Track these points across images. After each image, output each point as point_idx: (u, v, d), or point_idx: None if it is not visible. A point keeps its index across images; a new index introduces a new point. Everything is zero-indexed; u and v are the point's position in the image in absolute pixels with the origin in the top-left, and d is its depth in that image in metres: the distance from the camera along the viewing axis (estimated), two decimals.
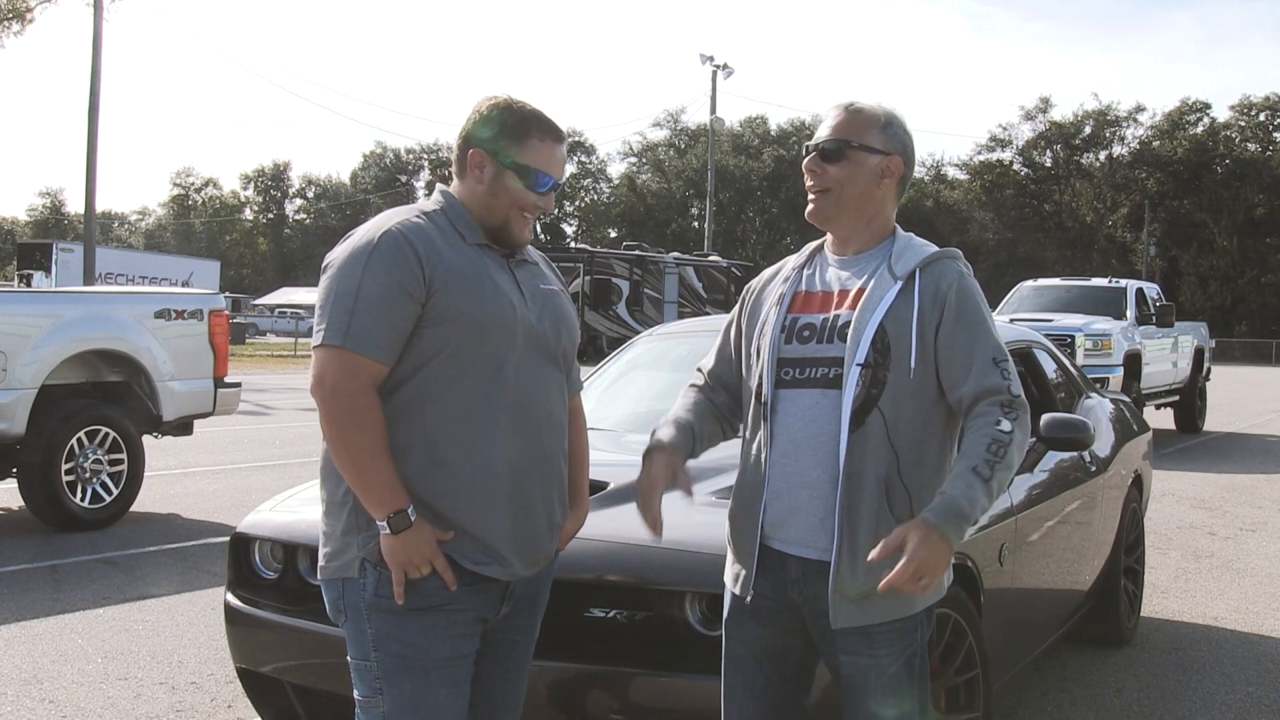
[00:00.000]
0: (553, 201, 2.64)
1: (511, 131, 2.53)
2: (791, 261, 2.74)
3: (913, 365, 2.47)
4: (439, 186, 2.65)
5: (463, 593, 2.48)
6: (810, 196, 2.65)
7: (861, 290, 2.55)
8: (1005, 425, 2.40)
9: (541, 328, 2.59)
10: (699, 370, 2.86)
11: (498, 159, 2.53)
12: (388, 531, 2.40)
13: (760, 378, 2.60)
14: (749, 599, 2.61)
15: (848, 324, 2.52)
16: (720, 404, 2.77)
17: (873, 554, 2.34)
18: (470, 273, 2.48)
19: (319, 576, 2.58)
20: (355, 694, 2.53)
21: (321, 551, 2.56)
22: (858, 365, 2.47)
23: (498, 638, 2.64)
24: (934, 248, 2.61)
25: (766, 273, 2.80)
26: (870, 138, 2.59)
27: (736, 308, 2.81)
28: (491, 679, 2.67)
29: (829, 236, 2.71)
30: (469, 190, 2.57)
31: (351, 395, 2.39)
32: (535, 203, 2.57)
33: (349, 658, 2.54)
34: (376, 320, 2.39)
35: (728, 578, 2.69)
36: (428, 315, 2.43)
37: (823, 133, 2.63)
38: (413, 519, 2.41)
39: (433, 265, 2.44)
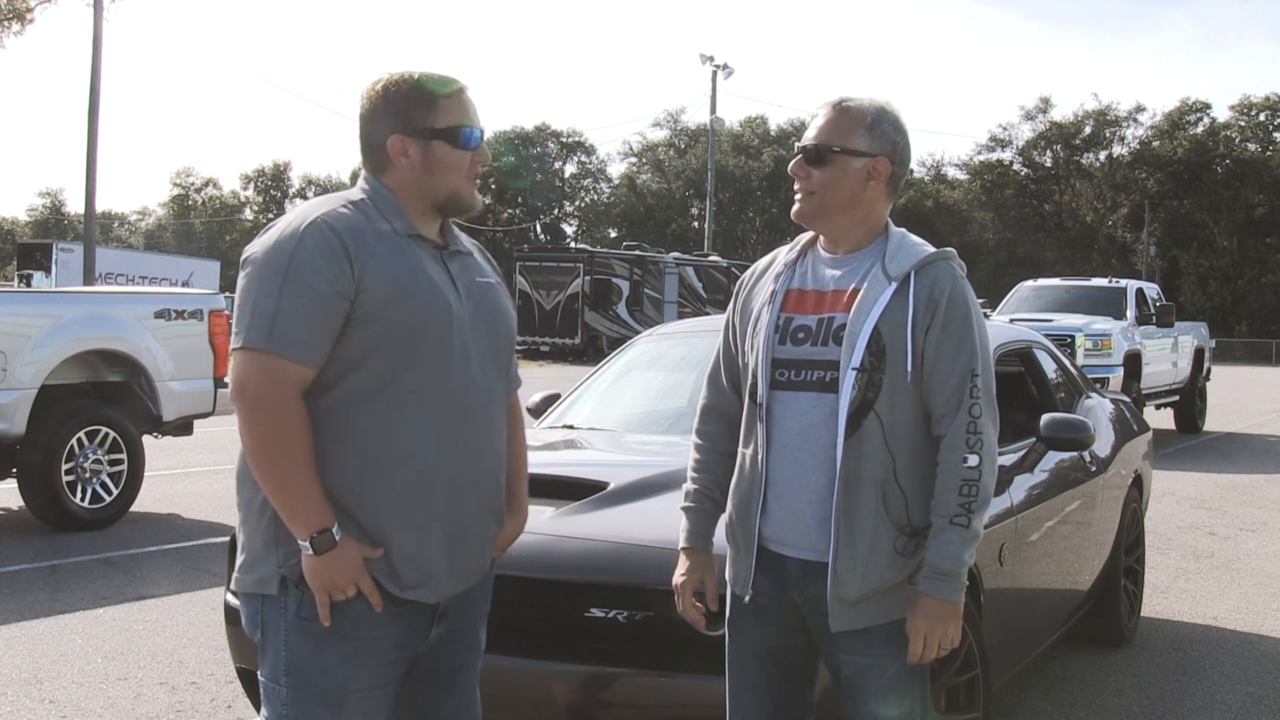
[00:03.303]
0: (488, 153, 2.50)
1: (419, 101, 2.38)
2: (783, 256, 2.71)
3: (909, 369, 2.47)
4: (364, 174, 2.45)
5: (387, 618, 2.31)
6: (796, 197, 2.64)
7: (856, 291, 2.53)
8: (971, 460, 2.45)
9: (478, 325, 2.42)
10: (701, 406, 2.83)
11: (419, 135, 2.37)
12: (310, 552, 2.22)
13: (755, 378, 2.60)
14: (748, 599, 2.61)
15: (843, 327, 2.50)
16: (727, 449, 2.74)
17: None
18: (402, 268, 2.31)
19: (234, 587, 2.42)
20: (262, 712, 2.40)
21: (237, 560, 2.40)
22: (853, 369, 2.47)
23: (443, 663, 2.49)
24: (929, 247, 2.59)
25: (759, 264, 2.78)
26: (854, 140, 2.56)
27: (731, 303, 2.80)
28: (443, 705, 2.52)
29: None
30: (399, 180, 2.40)
31: (275, 403, 2.21)
32: (473, 159, 2.42)
33: (259, 674, 2.38)
34: (303, 320, 2.21)
35: (729, 577, 2.69)
36: (357, 315, 2.26)
37: (809, 134, 2.61)
38: (338, 538, 2.23)
39: (362, 261, 2.26)
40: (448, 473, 2.35)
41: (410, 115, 2.38)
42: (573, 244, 65.59)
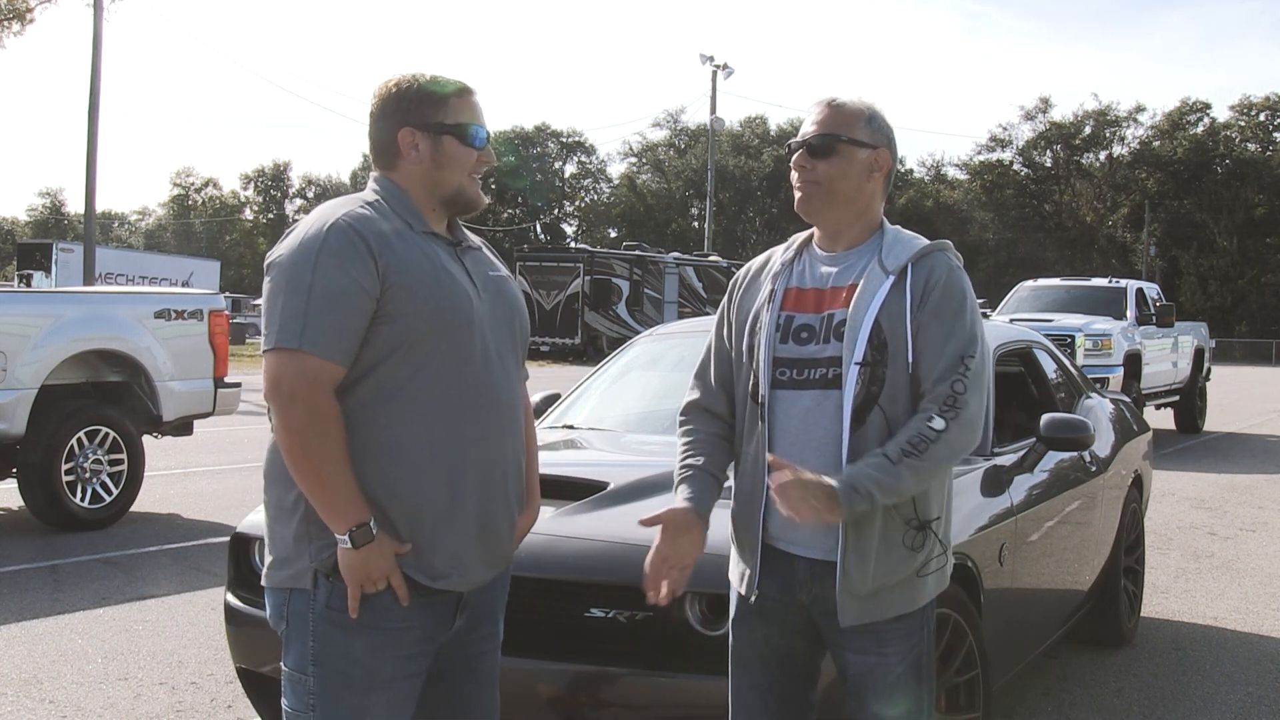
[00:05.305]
0: (493, 155, 2.57)
1: (429, 99, 2.46)
2: (779, 255, 2.70)
3: (910, 360, 2.47)
4: (374, 174, 2.53)
5: (414, 610, 2.38)
6: (798, 188, 2.62)
7: (854, 286, 2.54)
8: (937, 423, 2.42)
9: (496, 318, 2.50)
10: (688, 402, 2.76)
11: (429, 130, 2.45)
12: (349, 546, 2.29)
13: (755, 377, 2.59)
14: (754, 599, 2.60)
15: (843, 322, 2.50)
16: (719, 432, 2.69)
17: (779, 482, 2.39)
18: (424, 265, 2.39)
19: (264, 583, 2.47)
20: (284, 704, 2.43)
21: (267, 558, 2.45)
22: (856, 364, 2.47)
23: (466, 651, 2.56)
24: (924, 240, 2.60)
25: (754, 264, 2.76)
26: (857, 131, 2.57)
27: (724, 303, 2.77)
28: (466, 692, 2.59)
29: (816, 230, 2.68)
30: (408, 174, 2.48)
31: (312, 402, 2.27)
32: (479, 159, 2.50)
33: (283, 666, 2.43)
34: (332, 320, 2.28)
35: (733, 578, 2.68)
36: (382, 312, 2.33)
37: (808, 129, 2.60)
38: (375, 532, 2.31)
39: (386, 259, 2.33)
40: (476, 465, 2.42)
41: (421, 110, 2.46)
42: (573, 244, 65.55)
